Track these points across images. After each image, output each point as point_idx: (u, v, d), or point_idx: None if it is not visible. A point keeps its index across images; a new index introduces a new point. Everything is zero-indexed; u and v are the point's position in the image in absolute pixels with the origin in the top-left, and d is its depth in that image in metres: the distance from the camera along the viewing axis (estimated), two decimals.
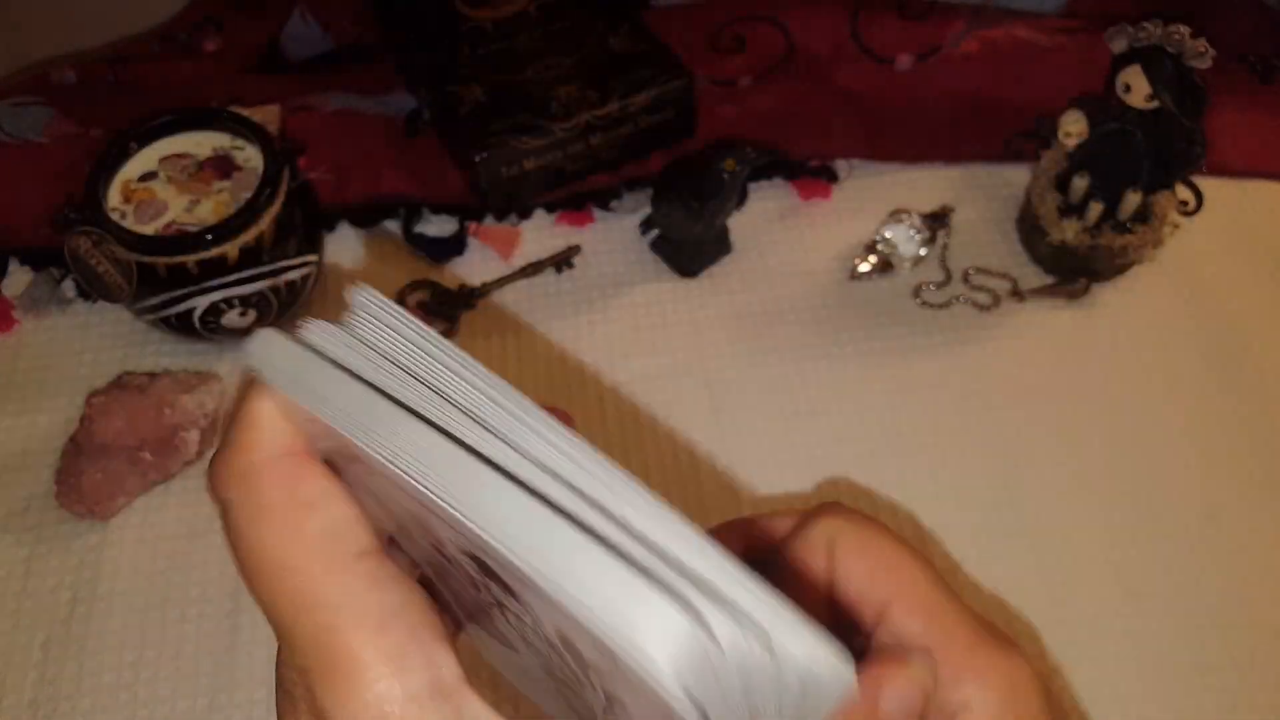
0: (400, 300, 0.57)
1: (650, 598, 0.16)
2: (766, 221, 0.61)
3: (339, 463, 0.21)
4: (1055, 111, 0.54)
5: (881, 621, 0.25)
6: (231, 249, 0.49)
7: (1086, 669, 0.44)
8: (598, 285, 0.58)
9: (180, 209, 0.52)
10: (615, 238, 0.60)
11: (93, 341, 0.57)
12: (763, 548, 0.28)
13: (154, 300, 0.50)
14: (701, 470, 0.51)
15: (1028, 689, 0.25)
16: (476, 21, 0.65)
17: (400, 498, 0.19)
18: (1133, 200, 0.53)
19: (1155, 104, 0.51)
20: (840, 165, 0.63)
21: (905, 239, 0.57)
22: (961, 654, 0.24)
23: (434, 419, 0.18)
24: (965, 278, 0.58)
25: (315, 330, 0.19)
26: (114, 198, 0.52)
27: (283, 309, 0.54)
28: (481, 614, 0.24)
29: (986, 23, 0.66)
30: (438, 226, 0.61)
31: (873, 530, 0.26)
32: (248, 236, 0.50)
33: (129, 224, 0.51)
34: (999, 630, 0.25)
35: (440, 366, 0.19)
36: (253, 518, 0.19)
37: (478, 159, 0.57)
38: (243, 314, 0.52)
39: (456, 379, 0.18)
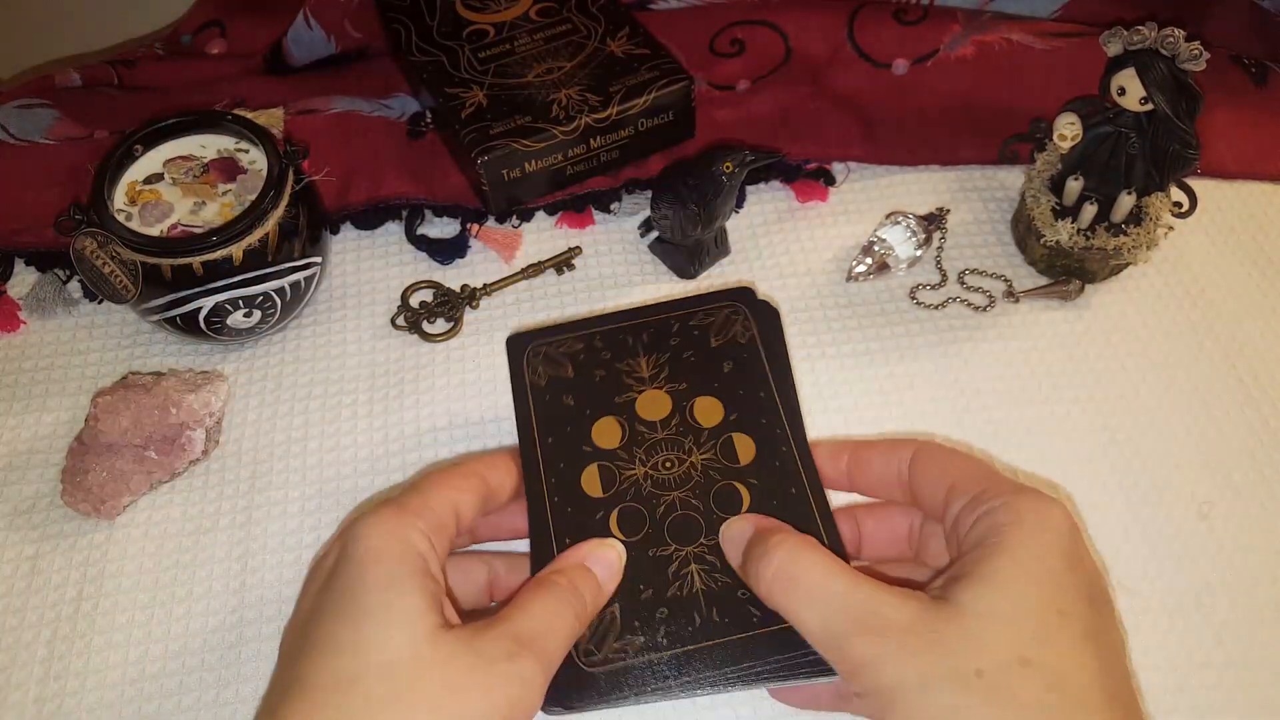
0: (404, 300, 0.58)
1: None
2: (764, 223, 0.61)
3: None
4: (1050, 114, 0.55)
5: (948, 499, 0.35)
6: (237, 250, 0.50)
7: None
8: (598, 287, 0.59)
9: (185, 211, 0.53)
10: (615, 240, 0.61)
11: (98, 341, 0.57)
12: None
13: (159, 301, 0.51)
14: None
15: (1059, 522, 0.32)
16: (478, 25, 0.65)
17: None
18: (1126, 202, 0.54)
19: (1149, 107, 0.51)
20: (837, 168, 0.64)
21: (901, 241, 0.58)
22: (1005, 493, 0.33)
23: None
24: (960, 279, 0.58)
25: None
26: (119, 199, 0.53)
27: (287, 310, 0.54)
28: None
29: (982, 27, 0.66)
30: (440, 228, 0.62)
31: (937, 446, 0.38)
32: (253, 238, 0.50)
33: (134, 225, 0.51)
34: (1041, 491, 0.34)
35: None
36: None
37: (479, 161, 0.57)
38: (247, 315, 0.52)
39: None
